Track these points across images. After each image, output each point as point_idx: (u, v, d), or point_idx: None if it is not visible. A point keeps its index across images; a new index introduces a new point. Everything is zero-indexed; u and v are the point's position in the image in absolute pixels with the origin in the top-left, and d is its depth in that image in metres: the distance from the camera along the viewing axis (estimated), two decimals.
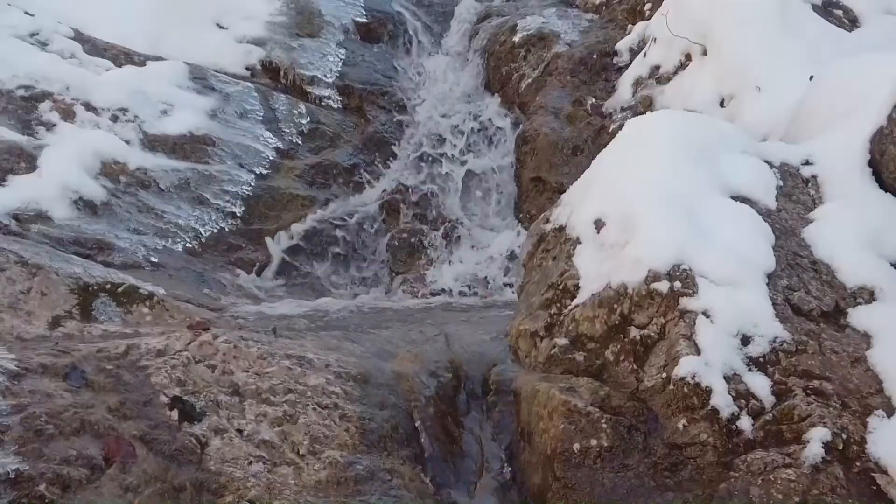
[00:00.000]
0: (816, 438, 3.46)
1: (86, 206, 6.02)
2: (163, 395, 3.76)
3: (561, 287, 4.18)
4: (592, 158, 4.65)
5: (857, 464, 3.46)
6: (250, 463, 3.64)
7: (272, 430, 3.78)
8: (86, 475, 3.37)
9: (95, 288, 4.67)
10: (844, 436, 3.48)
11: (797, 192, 4.40)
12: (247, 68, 8.16)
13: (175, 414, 3.71)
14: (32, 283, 4.47)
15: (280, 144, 7.45)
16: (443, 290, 6.66)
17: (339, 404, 3.95)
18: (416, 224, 7.18)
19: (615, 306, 3.92)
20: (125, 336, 4.24)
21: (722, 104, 6.32)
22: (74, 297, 4.54)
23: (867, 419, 3.54)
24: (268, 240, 6.65)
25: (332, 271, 6.76)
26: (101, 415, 3.59)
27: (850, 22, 6.84)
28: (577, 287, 4.12)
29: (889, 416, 3.54)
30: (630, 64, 7.65)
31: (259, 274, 6.43)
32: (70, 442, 3.44)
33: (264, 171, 7.13)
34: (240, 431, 3.74)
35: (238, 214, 6.70)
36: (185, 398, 3.78)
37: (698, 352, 3.66)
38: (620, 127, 4.70)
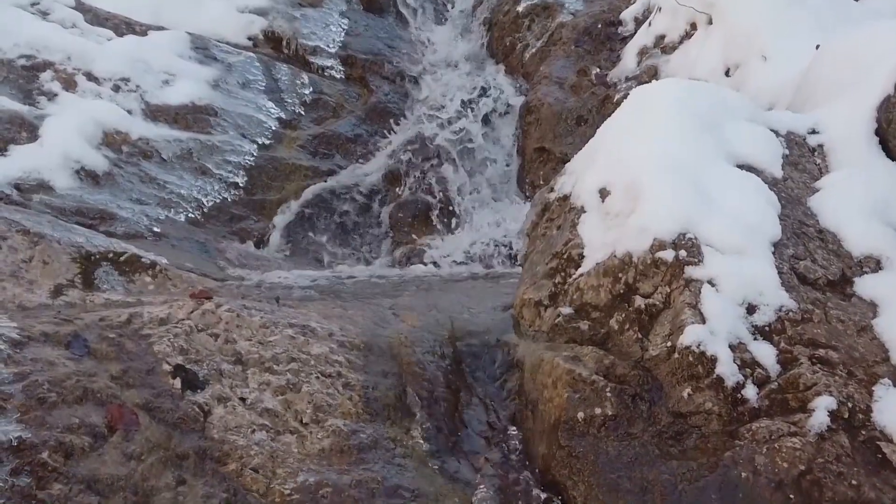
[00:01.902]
0: (822, 407, 3.44)
1: (88, 176, 5.99)
2: (165, 364, 3.75)
3: (565, 256, 4.16)
4: (596, 128, 4.62)
5: (863, 432, 3.45)
6: (253, 431, 3.63)
7: (275, 398, 3.77)
8: (88, 443, 3.36)
9: (97, 257, 4.65)
10: (850, 404, 3.46)
11: (803, 161, 4.38)
12: (249, 38, 8.13)
13: (178, 382, 3.70)
14: (34, 251, 4.45)
15: (283, 115, 7.43)
16: (446, 260, 6.64)
17: (342, 373, 3.94)
18: (419, 194, 7.16)
19: (620, 275, 3.90)
20: (127, 305, 4.23)
21: (727, 73, 6.29)
22: (76, 266, 4.52)
23: (873, 388, 3.53)
24: (277, 212, 6.64)
25: (335, 241, 6.74)
26: (103, 383, 3.57)
27: None
28: (581, 256, 4.11)
29: (895, 384, 3.53)
30: (635, 33, 7.61)
31: (262, 244, 6.42)
32: (73, 410, 3.43)
33: (267, 142, 7.10)
34: (243, 400, 3.73)
35: (240, 185, 6.68)
36: (188, 367, 3.76)
37: (703, 320, 3.65)
38: (625, 97, 4.67)
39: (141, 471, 3.37)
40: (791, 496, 3.36)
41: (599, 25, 7.88)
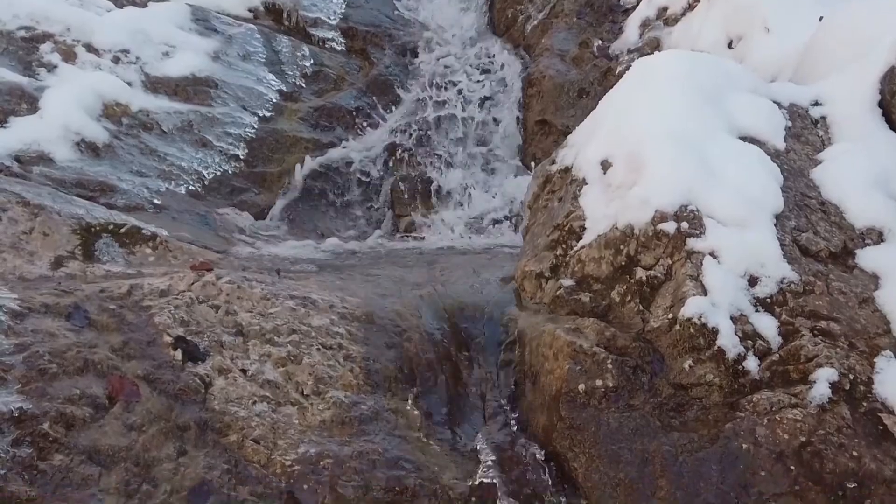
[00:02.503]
0: (823, 379, 3.45)
1: (88, 147, 5.97)
2: (166, 336, 3.75)
3: (567, 228, 4.15)
4: (598, 101, 4.60)
5: (864, 404, 3.45)
6: (254, 403, 3.63)
7: (276, 370, 3.77)
8: (89, 414, 3.37)
9: (98, 229, 4.64)
10: (851, 376, 3.47)
11: (806, 133, 4.36)
12: (249, 10, 8.09)
13: (178, 354, 3.70)
14: (34, 223, 4.44)
15: (283, 87, 7.39)
16: (447, 233, 6.63)
17: (343, 345, 3.94)
18: (420, 167, 7.14)
19: (621, 247, 3.89)
20: (128, 276, 4.22)
21: (730, 46, 6.25)
22: (77, 238, 4.51)
23: (874, 360, 3.53)
24: (278, 184, 6.62)
25: (336, 214, 6.73)
26: (104, 354, 3.57)
27: None
28: (582, 228, 4.10)
29: None
30: (637, 5, 7.57)
31: (263, 216, 6.40)
32: (73, 381, 3.44)
33: (267, 114, 7.07)
34: (244, 371, 3.74)
35: (241, 157, 6.65)
36: (189, 338, 3.76)
37: (705, 292, 3.65)
38: (627, 69, 4.65)
39: (142, 442, 3.37)
40: (792, 467, 3.36)
41: None
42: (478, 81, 7.82)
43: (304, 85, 7.51)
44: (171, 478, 3.33)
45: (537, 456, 3.70)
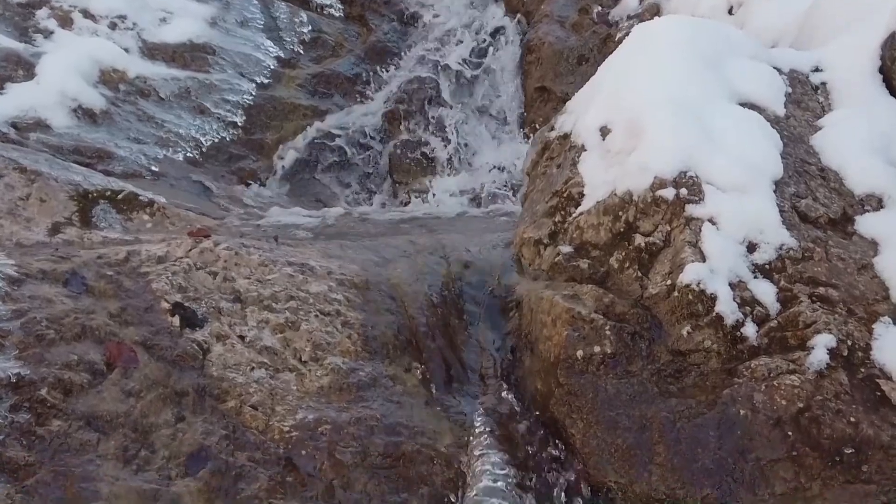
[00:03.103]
0: (821, 345, 3.45)
1: (85, 114, 5.96)
2: (164, 302, 3.75)
3: (565, 194, 4.14)
4: (598, 67, 4.58)
5: (862, 370, 3.45)
6: (252, 369, 3.63)
7: (274, 336, 3.77)
8: (87, 380, 3.37)
9: (95, 195, 4.63)
10: (849, 342, 3.46)
11: (806, 99, 4.34)
12: None
13: (176, 320, 3.70)
14: (31, 189, 4.43)
15: (281, 53, 7.36)
16: (446, 199, 6.62)
17: (341, 311, 3.94)
18: (419, 134, 7.11)
19: (620, 213, 3.88)
20: (125, 243, 4.21)
21: (730, 12, 6.22)
22: (74, 204, 4.50)
23: (873, 326, 3.52)
24: (276, 151, 6.60)
25: (334, 181, 6.72)
26: (101, 320, 3.57)
27: None
28: (581, 194, 4.08)
29: (895, 322, 3.53)
30: None
31: (261, 184, 6.39)
32: (71, 347, 3.44)
33: (265, 81, 7.05)
34: (242, 338, 3.73)
35: (239, 124, 6.64)
36: (187, 304, 3.76)
37: (704, 259, 3.64)
38: (627, 35, 4.62)
39: (140, 407, 3.38)
40: (789, 433, 3.37)
41: None
42: (477, 48, 7.78)
43: (302, 51, 7.49)
44: (170, 443, 3.34)
45: (534, 422, 3.71)
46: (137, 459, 3.26)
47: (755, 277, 3.63)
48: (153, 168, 5.76)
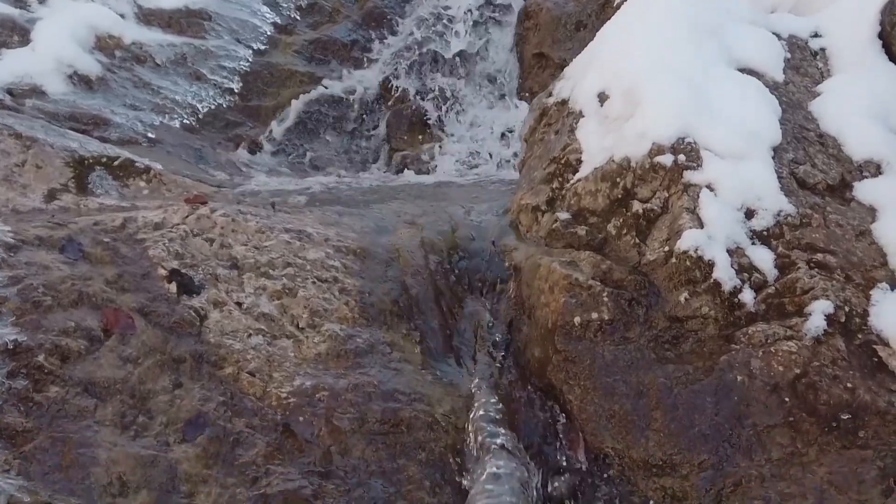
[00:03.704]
0: (819, 311, 3.44)
1: (81, 80, 5.93)
2: (161, 268, 3.74)
3: (563, 161, 4.13)
4: (596, 33, 4.55)
5: (859, 336, 3.46)
6: (250, 335, 3.63)
7: (271, 303, 3.77)
8: (84, 346, 3.37)
9: (91, 161, 4.61)
10: (847, 308, 3.46)
11: (805, 65, 4.32)
12: None
13: (173, 287, 3.69)
14: (27, 155, 4.41)
15: (278, 19, 7.32)
16: (443, 166, 6.60)
17: (338, 278, 3.93)
18: (416, 101, 7.09)
19: (618, 180, 3.87)
20: (122, 209, 4.20)
21: None
22: (70, 171, 4.48)
23: (870, 292, 3.52)
24: (273, 118, 6.58)
25: (331, 148, 6.69)
26: (98, 287, 3.57)
27: None
28: (579, 161, 4.07)
29: (892, 288, 3.53)
30: None
31: (258, 151, 6.37)
32: (68, 313, 3.43)
33: (262, 47, 7.01)
34: (239, 304, 3.73)
35: (236, 91, 6.61)
36: (184, 271, 3.75)
37: (701, 225, 3.63)
38: (625, 0, 4.59)
39: (138, 374, 3.38)
40: (786, 399, 3.38)
41: None
42: (474, 14, 7.73)
43: (298, 17, 7.45)
44: (167, 410, 3.34)
45: (532, 389, 3.71)
46: (135, 425, 3.26)
47: (753, 244, 3.62)
48: (149, 135, 5.73)
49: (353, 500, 3.32)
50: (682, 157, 3.77)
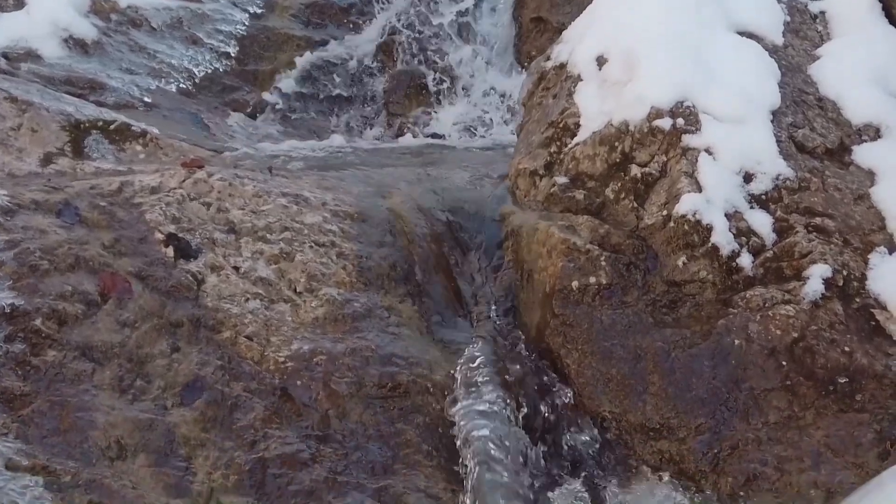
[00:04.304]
0: (816, 275, 3.45)
1: (76, 44, 5.89)
2: (158, 233, 3.73)
3: (561, 125, 4.11)
4: None
5: (857, 300, 3.46)
6: (247, 300, 3.63)
7: (269, 267, 3.76)
8: (82, 310, 3.36)
9: (87, 125, 4.59)
10: (845, 272, 3.47)
11: (804, 28, 4.30)
12: None
13: (170, 251, 3.68)
14: (23, 119, 4.39)
15: None
16: (441, 130, 6.58)
17: (336, 242, 3.92)
18: (414, 65, 7.05)
19: (616, 144, 3.86)
20: (118, 173, 4.18)
21: None
22: (66, 135, 4.46)
23: (868, 256, 3.53)
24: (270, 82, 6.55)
25: (329, 113, 6.67)
26: (95, 251, 3.56)
27: None
28: (577, 125, 4.05)
29: (890, 252, 3.53)
30: None
31: (255, 115, 6.35)
32: (65, 277, 3.43)
33: (258, 11, 6.96)
34: (236, 269, 3.72)
35: (232, 55, 6.57)
36: (181, 235, 3.74)
37: (700, 189, 3.63)
38: None
39: (135, 338, 3.38)
40: (783, 363, 3.38)
41: None
42: None
43: None
44: (165, 374, 3.34)
45: (530, 353, 3.71)
46: (133, 389, 3.27)
47: (751, 208, 3.62)
48: (146, 99, 5.71)
49: (351, 463, 3.33)
50: (680, 121, 3.75)
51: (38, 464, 2.97)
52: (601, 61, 4.09)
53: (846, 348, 3.36)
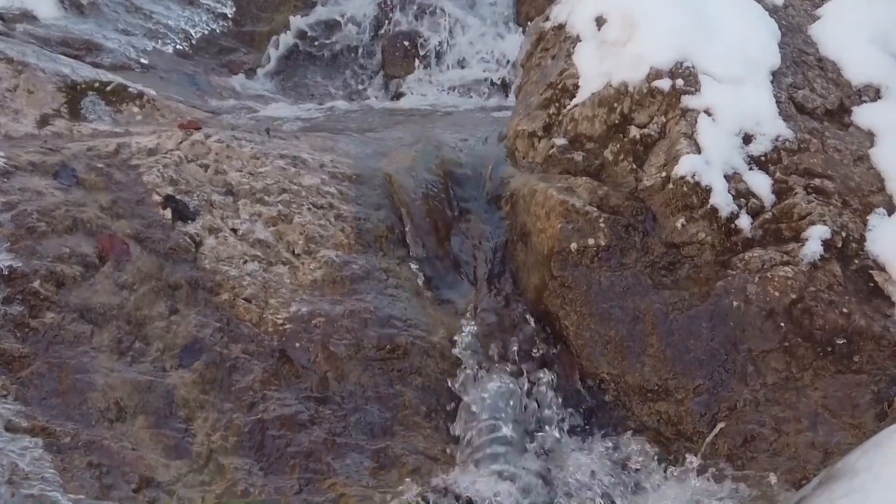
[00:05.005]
0: (815, 236, 3.45)
1: (72, 5, 5.85)
2: (155, 195, 3.72)
3: (560, 86, 4.09)
4: None
5: (856, 261, 3.47)
6: (245, 262, 3.63)
7: (267, 229, 3.75)
8: (80, 272, 3.36)
9: (84, 87, 4.56)
10: (844, 234, 3.47)
11: None
12: None
13: (168, 213, 3.67)
14: (19, 80, 4.36)
15: None
16: (440, 92, 6.55)
17: (334, 204, 3.91)
18: (413, 27, 7.00)
19: (615, 105, 3.85)
20: (115, 135, 4.16)
21: None
22: (62, 96, 4.43)
23: (867, 217, 3.53)
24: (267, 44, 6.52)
25: (326, 74, 6.63)
26: (93, 213, 3.55)
27: None
28: (576, 86, 4.04)
29: (889, 213, 3.54)
30: None
31: (252, 77, 6.32)
32: (63, 240, 3.42)
33: None
34: (234, 231, 3.72)
35: (229, 16, 6.52)
36: (179, 197, 3.73)
37: (699, 150, 3.62)
38: None
39: (133, 300, 3.38)
40: (782, 324, 3.39)
41: None
42: None
43: None
44: (164, 336, 3.35)
45: (528, 315, 3.72)
46: (132, 351, 3.27)
47: (750, 169, 3.62)
48: (142, 60, 5.68)
49: (350, 425, 3.35)
50: (680, 82, 3.74)
51: (37, 425, 2.98)
52: (600, 22, 4.07)
53: (844, 310, 3.37)
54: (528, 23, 6.31)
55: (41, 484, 2.85)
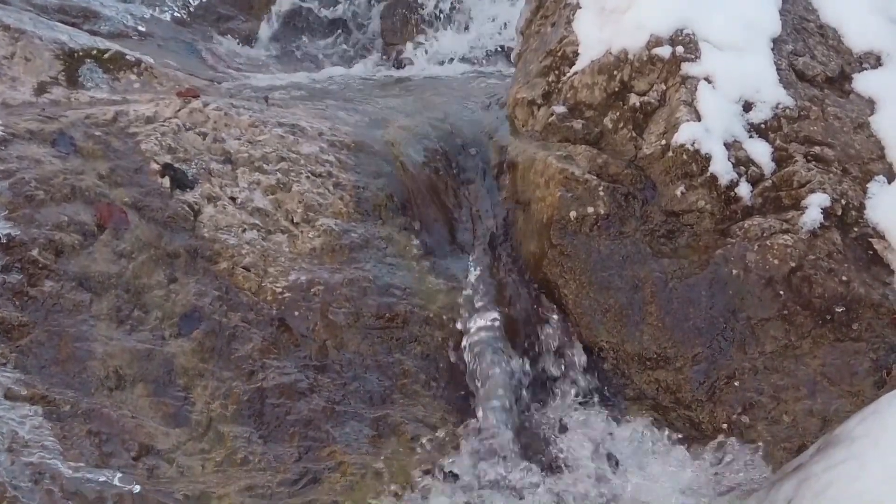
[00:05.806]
0: (815, 204, 3.45)
1: None
2: (153, 163, 3.71)
3: (560, 54, 4.08)
4: None
5: (855, 229, 3.46)
6: (244, 230, 3.62)
7: (265, 198, 3.75)
8: (79, 241, 3.36)
9: (81, 54, 4.53)
10: (843, 202, 3.46)
11: None
12: None
13: (167, 181, 3.66)
14: (15, 48, 4.34)
15: None
16: (439, 60, 6.52)
17: (332, 172, 3.90)
18: None
19: (615, 73, 3.83)
20: (113, 103, 4.14)
21: None
22: (60, 63, 4.41)
23: (867, 185, 3.53)
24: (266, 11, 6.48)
25: (324, 42, 6.60)
26: (91, 181, 3.54)
27: None
28: (576, 54, 4.02)
29: (889, 181, 3.53)
30: None
31: (250, 44, 6.29)
32: (61, 208, 3.41)
33: None
34: (233, 199, 3.71)
35: None
36: (177, 165, 3.72)
37: (699, 118, 3.61)
38: None
39: (132, 269, 3.38)
40: (781, 292, 3.39)
41: None
42: None
43: None
44: (163, 304, 3.35)
45: (527, 283, 3.72)
46: (131, 320, 3.28)
47: (750, 137, 3.61)
48: (140, 28, 5.65)
49: (349, 393, 3.35)
50: (680, 49, 3.72)
51: (36, 393, 2.99)
52: None
53: (844, 277, 3.37)
54: None
55: (41, 452, 2.86)
